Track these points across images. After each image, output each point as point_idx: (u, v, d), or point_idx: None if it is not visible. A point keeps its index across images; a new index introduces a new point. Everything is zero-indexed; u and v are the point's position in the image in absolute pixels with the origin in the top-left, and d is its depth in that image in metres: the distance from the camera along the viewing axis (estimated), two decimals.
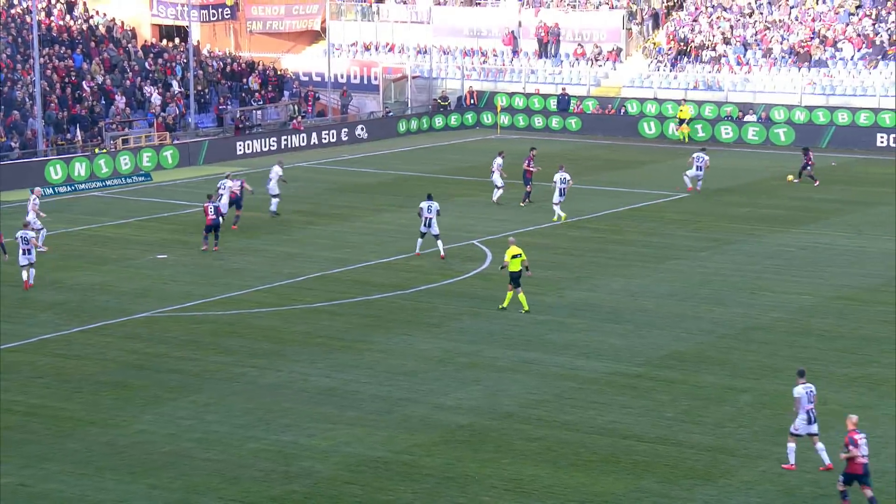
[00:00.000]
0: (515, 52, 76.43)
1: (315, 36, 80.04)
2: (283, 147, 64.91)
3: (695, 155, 53.75)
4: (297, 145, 65.69)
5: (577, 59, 74.58)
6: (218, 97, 68.38)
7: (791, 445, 24.31)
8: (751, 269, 40.03)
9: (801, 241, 43.90)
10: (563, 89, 72.21)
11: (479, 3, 78.92)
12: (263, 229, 45.67)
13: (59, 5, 70.18)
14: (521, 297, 34.91)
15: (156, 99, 64.85)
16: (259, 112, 68.99)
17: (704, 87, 70.42)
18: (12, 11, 67.09)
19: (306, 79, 74.64)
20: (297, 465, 24.38)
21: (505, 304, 35.00)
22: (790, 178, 54.66)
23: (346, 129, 68.74)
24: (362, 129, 69.39)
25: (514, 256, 34.83)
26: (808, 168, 54.42)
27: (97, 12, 71.91)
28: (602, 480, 23.80)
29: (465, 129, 72.56)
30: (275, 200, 47.49)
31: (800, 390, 24.23)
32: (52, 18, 68.34)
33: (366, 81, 74.65)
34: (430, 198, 40.91)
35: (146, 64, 68.09)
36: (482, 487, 23.46)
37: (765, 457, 24.72)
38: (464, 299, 36.26)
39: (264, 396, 28.23)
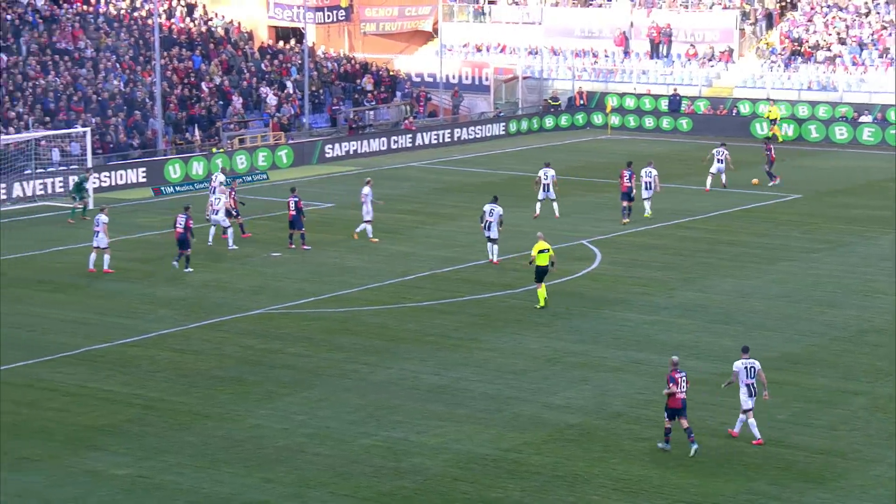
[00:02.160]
0: (627, 53, 76.18)
1: (427, 37, 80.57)
2: (394, 147, 65.50)
3: (714, 150, 53.64)
4: (409, 145, 66.23)
5: (688, 60, 74.11)
6: (332, 98, 69.21)
7: (742, 417, 25.57)
8: (864, 270, 39.52)
9: None
10: (675, 90, 71.82)
11: (591, 4, 78.81)
12: (375, 229, 46.09)
13: (179, 8, 71.58)
14: (541, 291, 35.00)
15: (271, 99, 65.86)
16: (372, 112, 69.67)
17: (819, 87, 69.53)
18: (135, 14, 68.60)
19: (418, 79, 75.18)
20: (408, 462, 24.67)
21: (541, 303, 35.09)
22: (755, 181, 53.76)
23: (457, 130, 69.12)
24: (473, 129, 69.72)
25: (541, 251, 34.95)
26: (768, 165, 53.32)
27: (216, 14, 73.21)
28: (712, 482, 23.75)
29: (575, 130, 72.51)
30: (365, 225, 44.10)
31: (739, 364, 25.43)
32: (172, 21, 69.72)
33: (477, 82, 74.96)
34: (494, 200, 40.37)
35: (262, 65, 69.16)
36: (591, 487, 23.57)
37: (878, 461, 24.47)
38: (573, 299, 36.34)
39: (375, 393, 28.60)
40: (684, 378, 25.08)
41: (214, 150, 58.34)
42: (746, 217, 48.10)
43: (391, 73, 74.06)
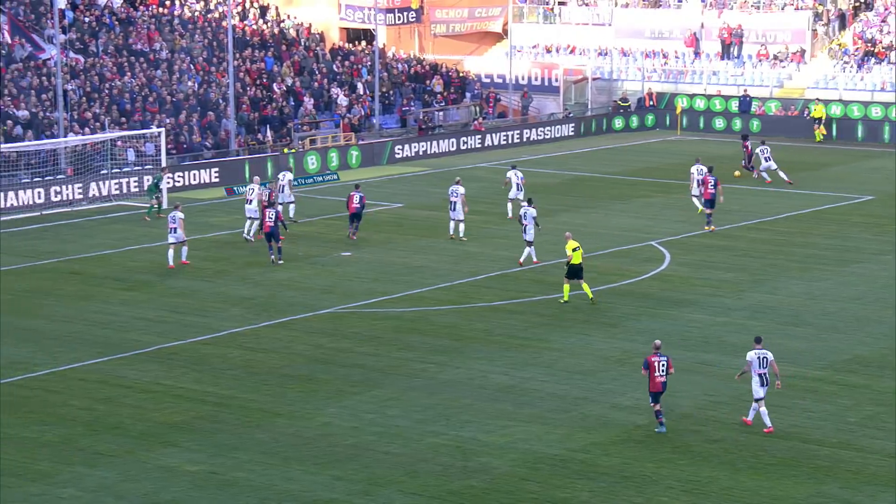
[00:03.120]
0: (697, 54, 75.83)
1: (497, 38, 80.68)
2: (463, 148, 65.69)
3: (758, 149, 53.92)
4: (478, 146, 66.38)
5: (759, 61, 73.62)
6: (402, 99, 69.54)
7: (754, 405, 26.35)
8: None
9: None
10: (745, 91, 71.38)
11: (662, 5, 78.52)
12: (443, 228, 46.30)
13: (252, 10, 72.28)
14: (585, 286, 35.56)
15: (342, 100, 66.32)
16: (441, 113, 69.91)
17: (892, 88, 68.77)
18: (209, 16, 69.36)
19: (488, 80, 75.30)
20: (476, 461, 24.81)
21: (566, 297, 35.80)
22: (737, 173, 54.33)
23: (526, 130, 69.19)
24: (542, 130, 69.75)
25: (574, 249, 35.58)
26: (747, 160, 54.39)
27: (288, 16, 73.83)
28: (782, 484, 23.68)
29: (644, 131, 72.29)
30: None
31: (752, 354, 26.24)
32: (245, 23, 70.41)
33: (546, 83, 74.97)
34: (529, 203, 40.63)
35: (333, 66, 69.65)
36: (659, 488, 23.59)
37: None
38: (642, 299, 36.33)
39: (444, 392, 28.79)
40: (665, 362, 26.06)
41: (286, 150, 58.85)
42: (817, 218, 47.77)
43: (461, 74, 74.24)
